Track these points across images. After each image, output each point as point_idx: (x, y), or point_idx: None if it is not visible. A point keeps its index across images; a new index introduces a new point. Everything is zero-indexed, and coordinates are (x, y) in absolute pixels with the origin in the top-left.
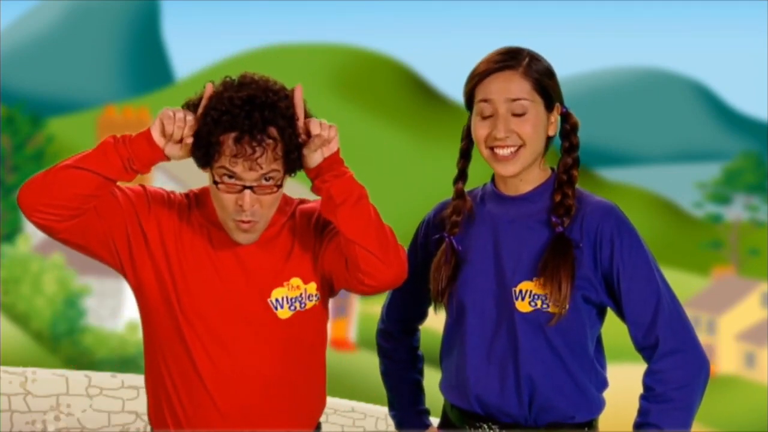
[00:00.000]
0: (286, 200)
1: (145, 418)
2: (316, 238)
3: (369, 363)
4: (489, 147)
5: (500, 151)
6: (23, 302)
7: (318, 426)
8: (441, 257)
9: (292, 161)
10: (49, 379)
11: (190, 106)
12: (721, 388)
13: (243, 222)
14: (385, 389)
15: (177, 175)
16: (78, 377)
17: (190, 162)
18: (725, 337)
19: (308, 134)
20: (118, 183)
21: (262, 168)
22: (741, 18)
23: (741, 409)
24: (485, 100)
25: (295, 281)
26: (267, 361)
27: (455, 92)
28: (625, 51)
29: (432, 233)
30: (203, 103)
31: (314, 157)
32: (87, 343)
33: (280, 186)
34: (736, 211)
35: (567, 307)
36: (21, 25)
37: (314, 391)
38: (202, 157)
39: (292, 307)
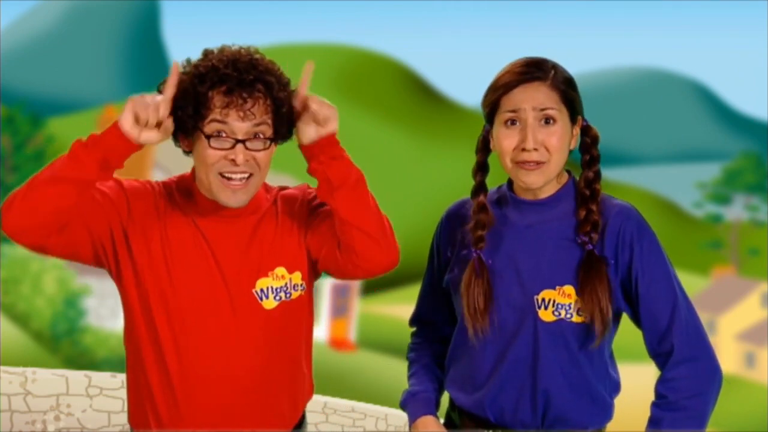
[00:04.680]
0: (267, 187)
1: None
2: (301, 224)
3: (369, 363)
4: (514, 160)
5: (519, 164)
6: (23, 302)
7: (302, 420)
8: (471, 274)
9: (282, 119)
10: (49, 379)
11: (160, 90)
12: (721, 387)
13: (234, 180)
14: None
15: (175, 173)
16: (78, 377)
17: (190, 162)
18: (725, 337)
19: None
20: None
21: (255, 117)
22: (741, 18)
23: (741, 409)
24: (513, 110)
25: (280, 270)
26: (250, 353)
27: (455, 92)
28: (625, 51)
29: (443, 230)
30: (172, 79)
31: (307, 131)
32: (87, 343)
33: (271, 141)
34: (736, 211)
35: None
36: (21, 25)
37: (297, 384)
38: (190, 118)
39: (278, 297)
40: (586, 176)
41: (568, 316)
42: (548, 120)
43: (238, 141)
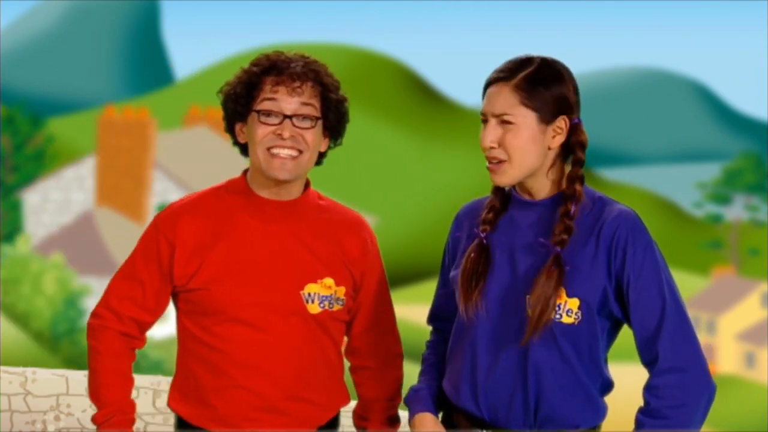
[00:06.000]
0: (320, 196)
1: (146, 418)
2: (360, 256)
3: None
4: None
5: (487, 163)
6: (23, 302)
7: (335, 421)
8: (473, 249)
9: (329, 103)
10: (49, 379)
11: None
12: (721, 388)
13: (281, 155)
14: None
15: (177, 175)
16: (78, 377)
17: (190, 162)
18: (725, 337)
19: None
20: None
21: (303, 94)
22: (741, 18)
23: (741, 409)
24: (483, 112)
25: (328, 281)
26: (295, 350)
27: (455, 92)
28: (625, 51)
29: (454, 229)
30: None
31: None
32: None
33: (318, 119)
34: (736, 211)
35: (540, 329)
36: (21, 25)
37: (332, 387)
38: (243, 99)
39: (322, 305)
40: (570, 175)
41: (557, 316)
42: (506, 121)
43: (285, 117)
